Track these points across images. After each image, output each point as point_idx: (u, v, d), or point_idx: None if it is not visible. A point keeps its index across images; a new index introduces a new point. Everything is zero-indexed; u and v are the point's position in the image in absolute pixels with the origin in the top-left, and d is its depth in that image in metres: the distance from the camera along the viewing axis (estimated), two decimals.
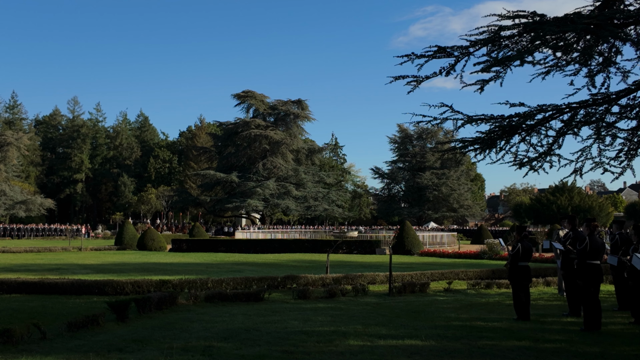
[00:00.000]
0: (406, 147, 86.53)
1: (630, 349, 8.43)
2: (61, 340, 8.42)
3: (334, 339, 8.66)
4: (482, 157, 12.84)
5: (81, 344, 8.21)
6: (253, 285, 14.93)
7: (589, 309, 9.91)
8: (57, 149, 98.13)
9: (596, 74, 11.46)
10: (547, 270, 18.30)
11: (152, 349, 7.93)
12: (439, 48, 10.58)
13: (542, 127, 11.93)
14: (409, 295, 14.49)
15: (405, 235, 33.66)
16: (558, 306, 12.85)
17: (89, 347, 7.95)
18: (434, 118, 11.86)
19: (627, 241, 11.90)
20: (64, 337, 8.63)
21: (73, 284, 14.04)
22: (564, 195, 75.50)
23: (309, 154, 78.03)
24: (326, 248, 31.79)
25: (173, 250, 35.97)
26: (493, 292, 15.41)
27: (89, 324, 9.35)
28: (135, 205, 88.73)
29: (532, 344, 8.58)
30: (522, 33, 10.23)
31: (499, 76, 10.95)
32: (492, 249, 29.77)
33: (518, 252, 11.08)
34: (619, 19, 10.65)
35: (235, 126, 71.52)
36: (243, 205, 67.79)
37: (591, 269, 10.08)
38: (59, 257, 28.45)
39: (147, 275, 17.63)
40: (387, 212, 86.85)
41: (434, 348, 8.20)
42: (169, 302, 11.86)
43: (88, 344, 8.20)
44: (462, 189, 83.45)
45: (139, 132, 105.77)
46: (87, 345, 8.07)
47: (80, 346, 8.05)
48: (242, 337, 8.75)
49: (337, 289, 14.33)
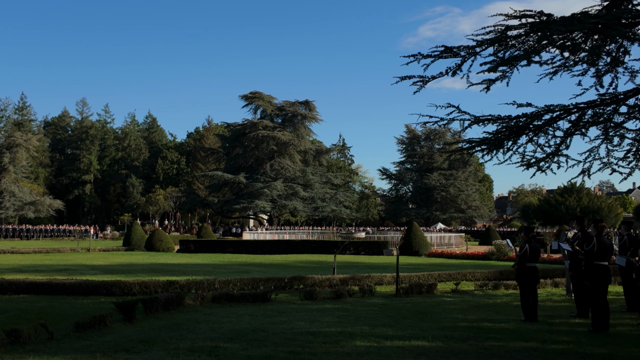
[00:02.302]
0: (414, 148, 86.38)
1: (638, 351, 8.38)
2: (68, 341, 8.45)
3: (340, 340, 8.66)
4: (490, 158, 12.80)
5: (88, 344, 8.24)
6: (260, 285, 14.93)
7: (597, 310, 9.86)
8: (66, 150, 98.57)
9: (604, 74, 11.41)
10: (555, 271, 18.22)
11: (158, 349, 7.94)
12: (446, 48, 10.56)
13: (550, 127, 11.88)
14: (416, 296, 14.46)
15: (412, 236, 33.61)
16: (566, 307, 12.80)
17: (96, 348, 7.97)
18: (441, 119, 11.84)
19: (635, 242, 11.84)
20: (71, 338, 8.66)
21: (81, 285, 14.09)
22: (572, 196, 75.14)
23: (317, 155, 78.06)
24: (333, 249, 31.79)
25: (181, 251, 36.04)
26: (500, 293, 15.35)
27: (96, 325, 9.38)
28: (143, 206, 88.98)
29: (539, 345, 8.55)
30: (528, 33, 10.19)
31: (505, 76, 10.92)
32: (500, 250, 29.69)
33: (526, 253, 11.04)
34: (627, 19, 10.58)
35: (243, 127, 71.63)
36: (250, 206, 67.88)
37: (599, 270, 10.04)
38: (68, 258, 28.57)
39: (154, 276, 17.67)
40: (394, 213, 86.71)
41: (441, 349, 8.18)
42: (176, 303, 11.88)
43: (95, 344, 8.23)
44: (470, 189, 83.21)
45: (147, 133, 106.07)
46: (94, 346, 8.10)
47: (87, 346, 8.08)
48: (248, 338, 8.76)
49: (344, 289, 14.32)
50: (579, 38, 10.77)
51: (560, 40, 10.36)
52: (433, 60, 10.82)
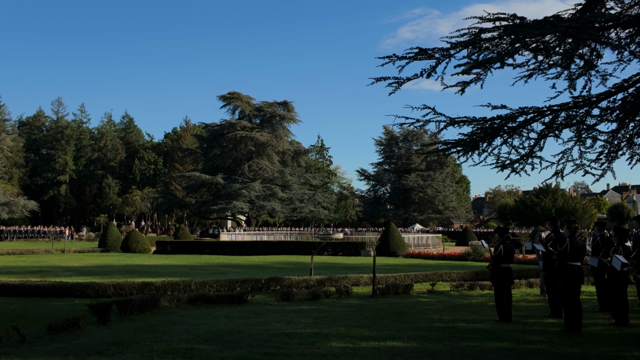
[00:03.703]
0: (392, 149, 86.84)
1: (610, 350, 8.50)
2: (41, 343, 8.34)
3: (316, 341, 8.66)
4: (465, 159, 12.91)
5: (61, 347, 8.14)
6: (236, 287, 14.87)
7: (570, 310, 9.98)
8: (41, 151, 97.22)
9: (577, 77, 11.56)
10: (530, 271, 18.42)
11: (132, 351, 7.88)
12: (420, 50, 10.62)
13: (524, 129, 12.01)
14: (393, 297, 14.52)
15: (390, 237, 33.75)
16: (540, 307, 12.94)
17: (69, 350, 7.88)
18: (417, 120, 11.90)
19: (608, 243, 12.00)
20: (44, 340, 8.55)
21: (54, 287, 13.93)
22: (547, 197, 76.00)
23: (295, 156, 77.98)
24: (311, 250, 31.76)
25: (157, 253, 35.79)
26: (476, 294, 15.48)
27: (70, 327, 9.27)
28: (119, 207, 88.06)
29: (513, 345, 8.63)
30: (502, 36, 10.29)
31: (480, 78, 11.02)
32: (476, 250, 29.94)
33: (500, 253, 11.15)
34: (600, 22, 10.73)
35: (221, 128, 71.35)
36: (228, 207, 67.61)
37: (572, 270, 10.16)
38: (42, 260, 28.20)
39: (130, 278, 17.51)
40: (372, 214, 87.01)
41: (416, 349, 8.23)
42: (151, 305, 11.79)
43: (68, 347, 8.13)
44: (448, 190, 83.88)
45: (123, 133, 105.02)
46: (67, 349, 8.00)
47: (60, 349, 7.98)
48: (224, 340, 8.72)
49: (321, 290, 14.33)
50: (552, 41, 10.91)
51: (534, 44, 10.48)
52: (408, 62, 10.88)
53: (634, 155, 13.21)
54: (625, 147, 13.04)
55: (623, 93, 11.85)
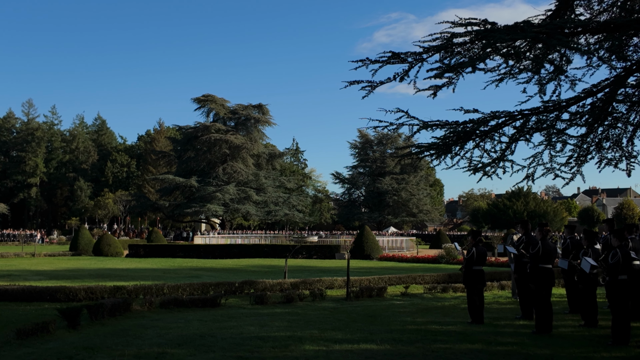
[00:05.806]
0: (366, 152, 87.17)
1: (579, 351, 8.63)
2: (9, 349, 8.21)
3: (289, 344, 8.65)
4: (438, 163, 13.01)
5: (30, 351, 8.02)
6: (210, 290, 14.79)
7: (541, 312, 10.12)
8: (11, 153, 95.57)
9: (547, 82, 11.73)
10: (502, 274, 18.62)
11: (103, 356, 7.79)
12: (393, 54, 10.70)
13: (496, 133, 12.15)
14: (366, 300, 14.57)
15: (364, 240, 33.86)
16: (511, 309, 13.09)
17: (38, 355, 7.77)
18: (391, 123, 11.96)
19: (577, 245, 12.18)
20: (12, 345, 8.41)
21: (24, 291, 13.71)
22: (519, 201, 76.90)
23: (270, 159, 77.78)
24: (286, 253, 31.70)
25: (130, 256, 35.42)
26: (449, 296, 15.61)
27: (39, 332, 9.14)
28: (91, 210, 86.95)
29: (484, 347, 8.72)
30: (473, 40, 10.41)
31: (452, 82, 11.13)
32: (450, 253, 30.19)
33: (472, 256, 11.25)
34: (569, 28, 10.92)
35: (195, 130, 70.89)
36: (202, 210, 67.15)
37: (543, 272, 10.31)
38: (11, 263, 27.71)
39: (102, 282, 17.29)
40: (347, 217, 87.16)
41: (389, 352, 8.27)
42: (122, 309, 11.67)
43: (37, 352, 8.01)
44: (421, 194, 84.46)
45: (96, 135, 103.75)
46: (36, 354, 7.89)
47: (28, 354, 7.86)
48: (196, 343, 8.67)
49: (295, 294, 14.32)
50: (523, 47, 11.06)
51: (504, 49, 10.62)
52: (381, 66, 10.94)
53: (602, 159, 13.44)
54: (594, 151, 13.28)
55: (592, 98, 12.07)
